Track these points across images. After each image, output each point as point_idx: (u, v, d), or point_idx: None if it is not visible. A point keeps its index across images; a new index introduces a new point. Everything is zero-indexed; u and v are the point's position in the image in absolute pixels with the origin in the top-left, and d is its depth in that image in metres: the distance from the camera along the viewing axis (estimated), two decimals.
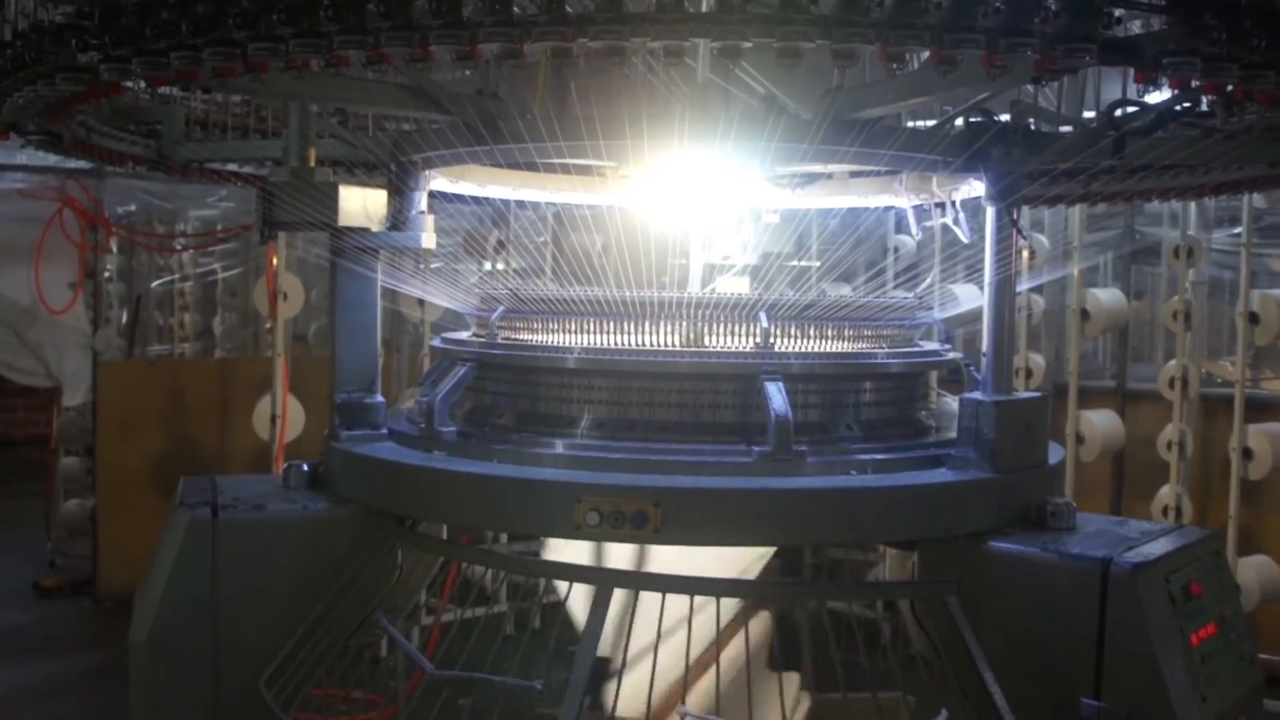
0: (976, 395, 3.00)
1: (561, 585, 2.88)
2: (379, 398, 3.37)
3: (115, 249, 9.62)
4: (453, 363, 3.31)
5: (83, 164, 7.37)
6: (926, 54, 2.19)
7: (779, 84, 3.24)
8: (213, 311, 10.35)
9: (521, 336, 3.27)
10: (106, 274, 9.45)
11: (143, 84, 3.01)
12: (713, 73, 3.21)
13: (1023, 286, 5.65)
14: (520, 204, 3.98)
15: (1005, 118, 3.08)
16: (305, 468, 3.34)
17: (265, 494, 3.26)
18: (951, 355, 3.38)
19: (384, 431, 3.33)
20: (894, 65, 2.28)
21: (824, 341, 3.13)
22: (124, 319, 9.73)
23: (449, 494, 2.99)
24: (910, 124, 3.69)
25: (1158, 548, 2.76)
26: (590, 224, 4.09)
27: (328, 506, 3.20)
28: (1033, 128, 3.15)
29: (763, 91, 3.25)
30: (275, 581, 3.10)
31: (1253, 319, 6.70)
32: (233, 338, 10.15)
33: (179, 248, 10.05)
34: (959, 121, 3.24)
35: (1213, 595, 2.80)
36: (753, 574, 3.10)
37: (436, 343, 3.58)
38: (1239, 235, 7.00)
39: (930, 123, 3.62)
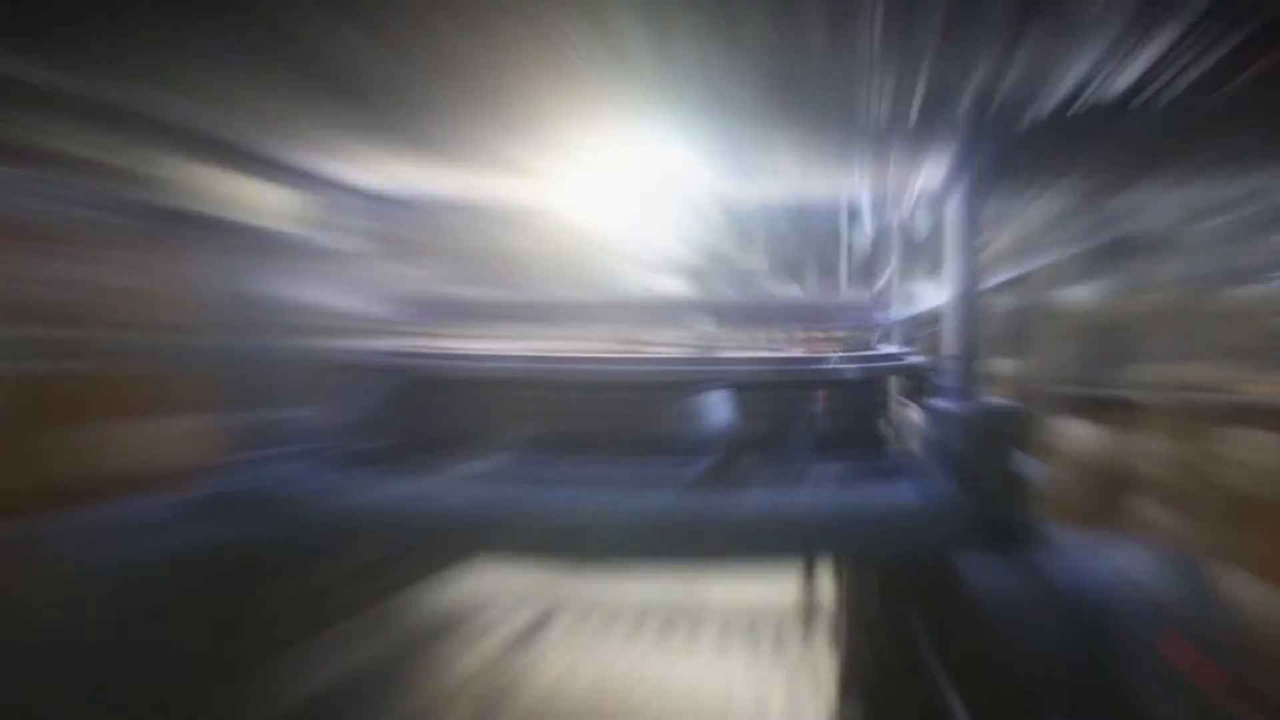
0: (941, 403, 2.80)
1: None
2: (288, 414, 3.12)
3: None
4: (371, 374, 3.08)
5: None
6: None
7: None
8: None
9: (444, 345, 3.05)
10: None
11: None
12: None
13: (989, 285, 5.47)
14: (446, 204, 3.74)
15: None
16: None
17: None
18: (913, 360, 3.16)
19: (299, 450, 3.09)
20: None
21: (773, 346, 2.92)
22: None
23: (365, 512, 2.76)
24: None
25: (1137, 563, 2.59)
26: (519, 224, 3.85)
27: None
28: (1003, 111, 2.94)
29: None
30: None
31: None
32: None
33: None
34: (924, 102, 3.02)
35: (1196, 613, 2.62)
36: None
37: (352, 354, 3.35)
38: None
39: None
